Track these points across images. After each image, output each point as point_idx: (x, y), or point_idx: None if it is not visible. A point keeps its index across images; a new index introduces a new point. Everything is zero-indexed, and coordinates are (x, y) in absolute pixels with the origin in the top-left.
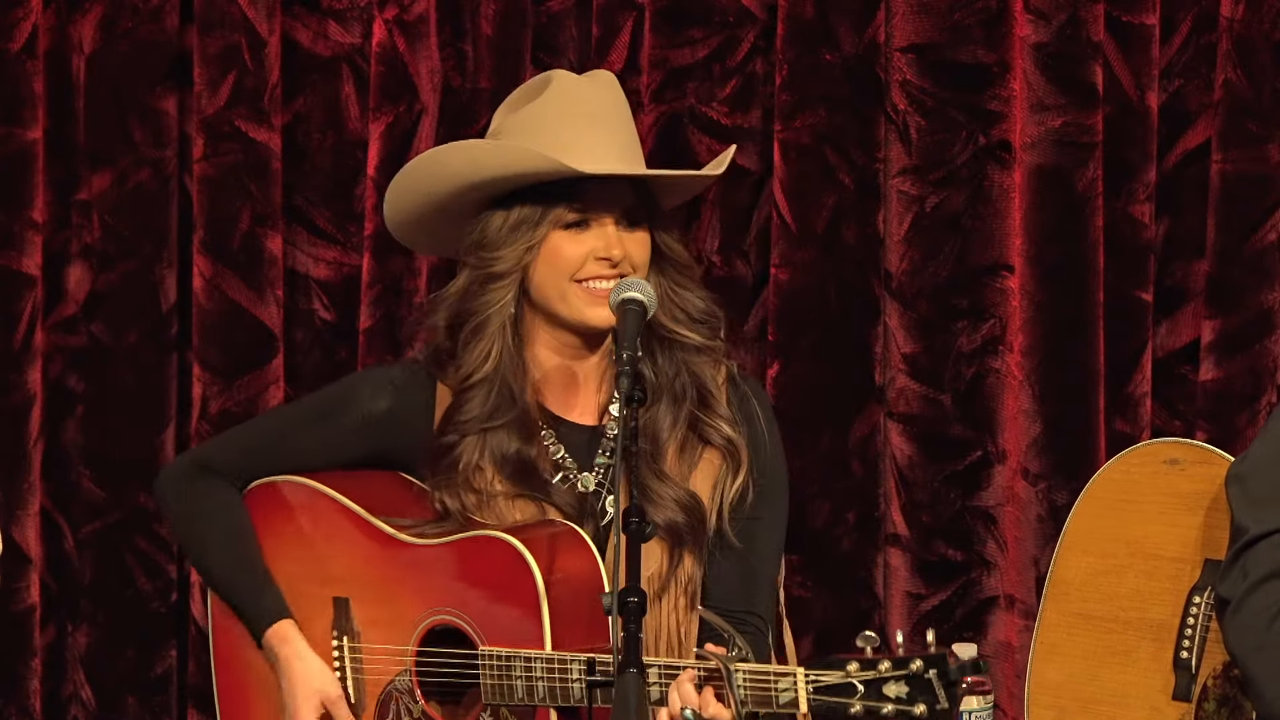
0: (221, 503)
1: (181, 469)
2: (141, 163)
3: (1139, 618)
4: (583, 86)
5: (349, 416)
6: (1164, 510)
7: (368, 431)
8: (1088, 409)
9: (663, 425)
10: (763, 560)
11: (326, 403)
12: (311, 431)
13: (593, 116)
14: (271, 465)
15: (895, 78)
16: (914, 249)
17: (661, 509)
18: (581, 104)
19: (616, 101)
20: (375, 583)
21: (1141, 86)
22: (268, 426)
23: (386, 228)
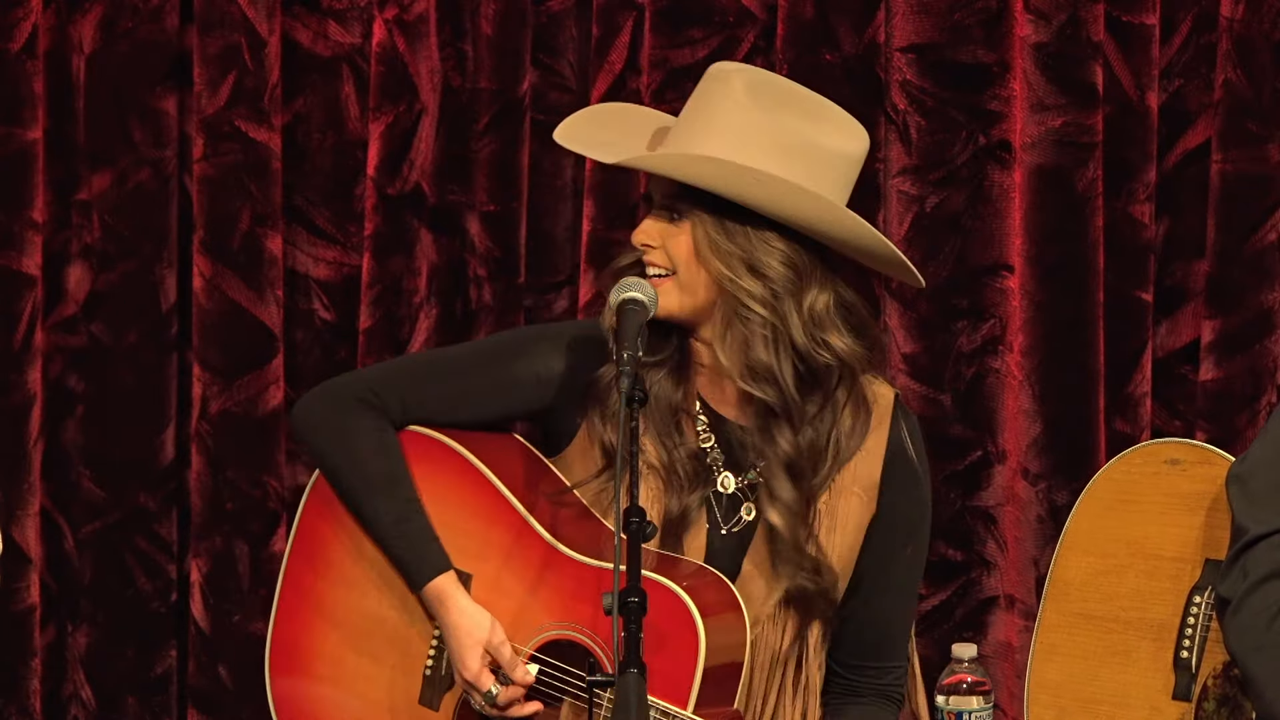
0: (384, 443)
1: (338, 398)
2: (141, 163)
3: (1139, 618)
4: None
5: (525, 371)
6: (1164, 510)
7: (539, 389)
8: (1088, 409)
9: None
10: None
11: (499, 350)
12: (481, 376)
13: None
14: (434, 404)
15: (895, 78)
16: (914, 249)
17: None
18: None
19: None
20: (506, 572)
21: (1141, 86)
22: (434, 365)
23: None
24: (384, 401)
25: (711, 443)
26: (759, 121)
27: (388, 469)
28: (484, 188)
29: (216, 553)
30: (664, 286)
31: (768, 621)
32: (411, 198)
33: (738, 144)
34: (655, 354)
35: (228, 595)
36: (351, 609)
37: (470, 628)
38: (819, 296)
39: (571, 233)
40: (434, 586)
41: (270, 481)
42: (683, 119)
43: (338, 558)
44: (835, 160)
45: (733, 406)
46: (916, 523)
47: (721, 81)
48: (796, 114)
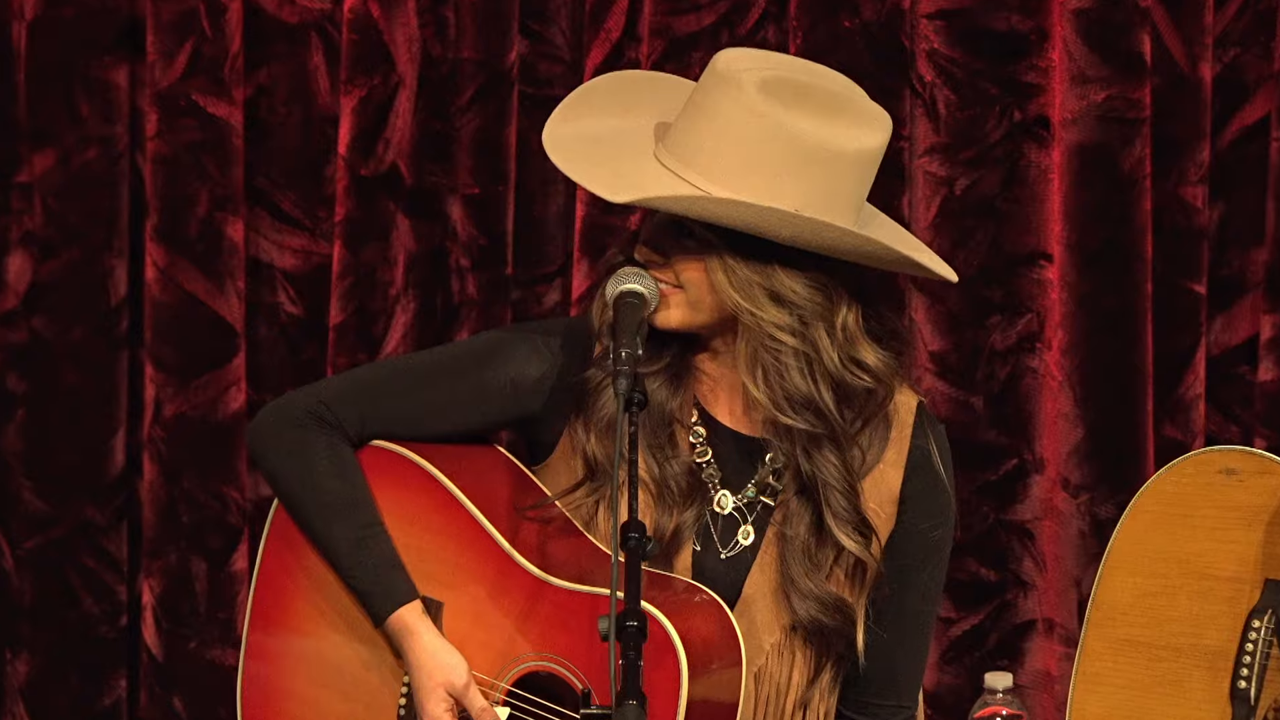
0: (340, 463)
1: (292, 414)
2: (88, 141)
3: (1192, 644)
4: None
5: (498, 378)
6: (1219, 525)
7: (515, 397)
8: (1135, 413)
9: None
10: (918, 638)
11: (469, 356)
12: (448, 387)
13: (696, 106)
14: (396, 418)
15: (921, 47)
16: (942, 236)
17: (806, 607)
18: (702, 89)
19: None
20: (480, 599)
21: (1193, 56)
22: (396, 376)
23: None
24: (340, 417)
25: (708, 457)
26: (774, 129)
27: (344, 491)
28: (467, 168)
29: (171, 571)
30: (672, 298)
31: (773, 654)
32: (387, 179)
33: (754, 160)
34: (652, 361)
35: (183, 619)
36: (322, 645)
37: (433, 668)
38: (847, 314)
39: (564, 218)
40: (397, 619)
41: (230, 493)
42: (688, 122)
43: (306, 589)
44: (857, 160)
45: (734, 415)
46: (937, 544)
47: (733, 84)
48: (814, 112)
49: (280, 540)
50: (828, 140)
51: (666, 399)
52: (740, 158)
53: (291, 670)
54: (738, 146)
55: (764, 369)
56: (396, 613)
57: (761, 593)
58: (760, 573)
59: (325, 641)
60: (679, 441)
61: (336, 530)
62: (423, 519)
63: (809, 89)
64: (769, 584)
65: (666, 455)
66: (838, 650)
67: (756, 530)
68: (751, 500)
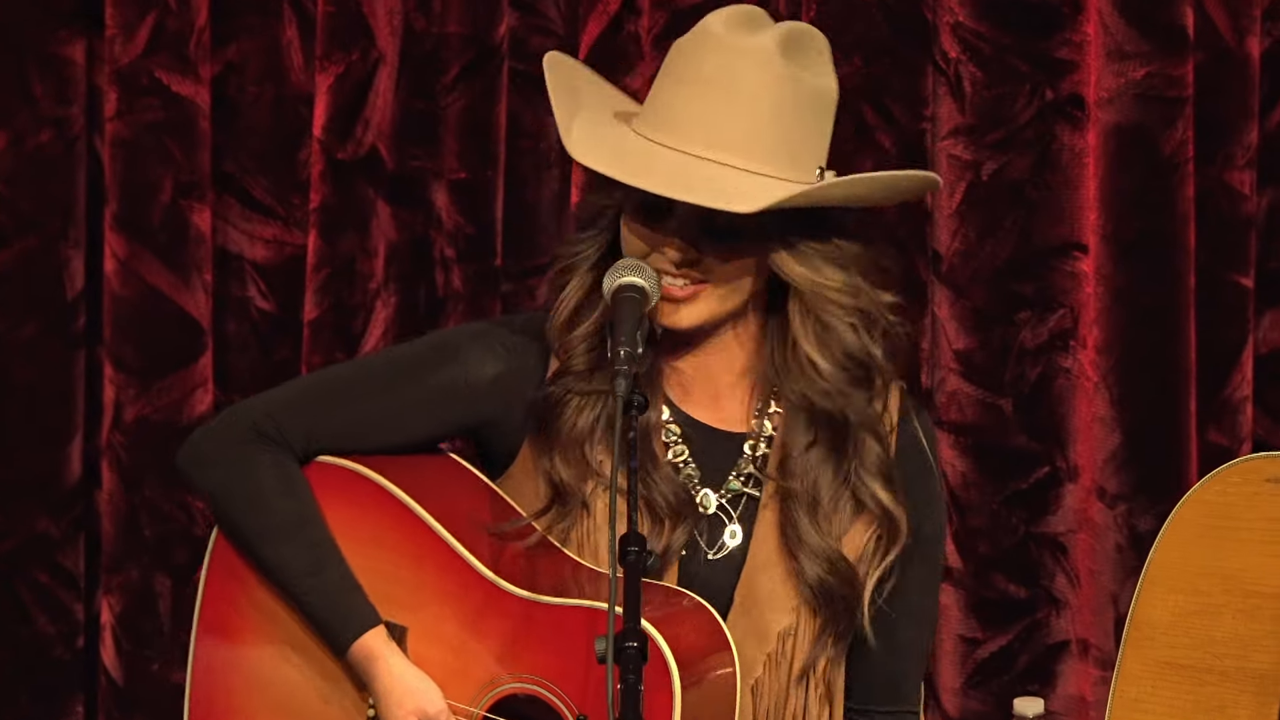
0: (287, 480)
1: (230, 430)
2: (42, 122)
3: (1238, 667)
4: (716, 41)
5: (451, 381)
6: (1267, 539)
7: (470, 400)
8: (1176, 416)
9: (824, 474)
10: (918, 636)
11: (419, 359)
12: (397, 393)
13: (705, 81)
14: (345, 430)
15: (945, 19)
16: (968, 225)
17: (815, 566)
18: (701, 63)
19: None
20: (446, 620)
21: (1240, 30)
22: (342, 385)
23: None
24: (285, 432)
25: (685, 455)
26: (806, 93)
27: (294, 510)
28: (453, 151)
29: (132, 588)
30: (699, 294)
31: (769, 664)
32: (366, 163)
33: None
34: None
35: (145, 639)
36: (276, 682)
37: (403, 696)
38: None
39: (557, 205)
40: (361, 646)
41: (196, 504)
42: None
43: (255, 623)
44: (834, 102)
45: (708, 409)
46: (931, 536)
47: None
48: (809, 62)
49: (222, 572)
50: (825, 88)
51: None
52: (781, 130)
53: (243, 708)
54: (778, 118)
55: (816, 335)
56: (359, 640)
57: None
58: (755, 561)
59: (279, 677)
60: (658, 452)
61: (288, 553)
62: (379, 538)
63: (800, 36)
64: (768, 567)
65: (648, 471)
66: (843, 622)
67: (744, 527)
68: (735, 495)
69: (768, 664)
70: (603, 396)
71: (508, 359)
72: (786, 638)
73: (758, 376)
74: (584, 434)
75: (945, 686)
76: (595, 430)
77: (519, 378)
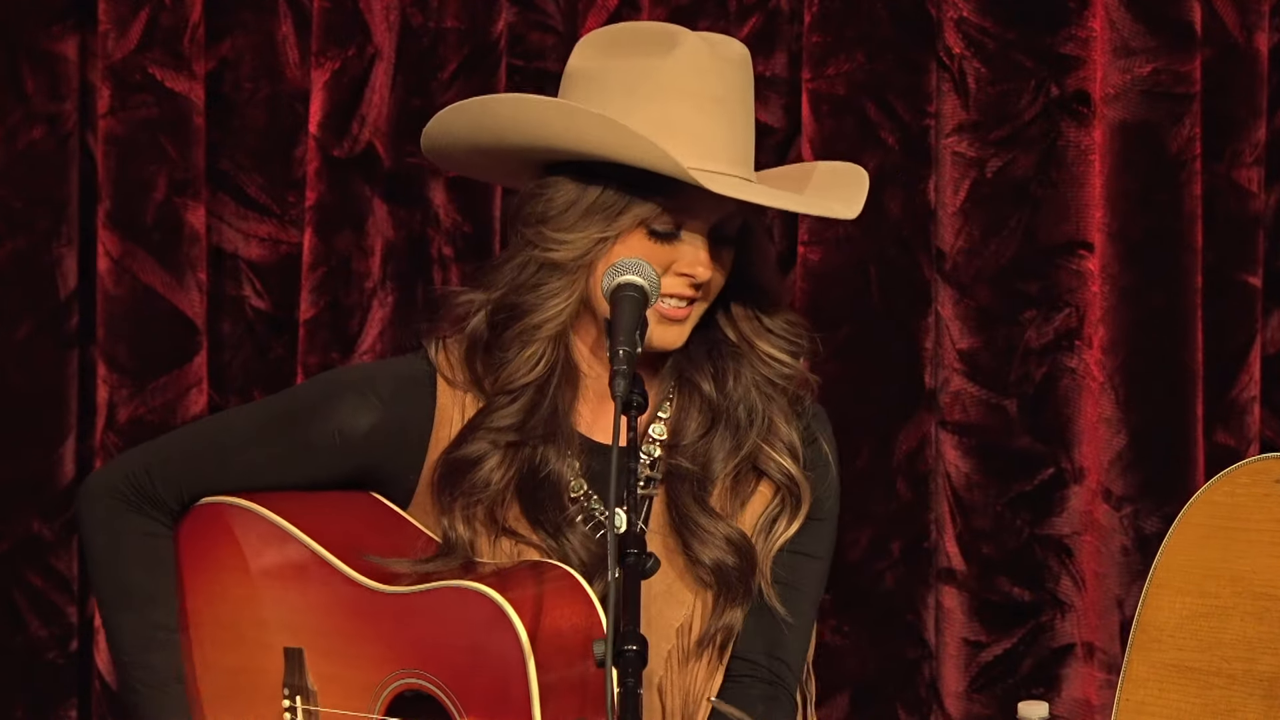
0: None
1: (113, 482)
2: (34, 119)
3: (1245, 670)
4: (712, 58)
5: (323, 433)
6: (1276, 540)
7: (345, 452)
8: (1183, 417)
9: (717, 454)
10: (805, 605)
11: (295, 413)
12: (275, 447)
13: (718, 100)
14: (222, 485)
15: (949, 15)
16: (971, 223)
17: (709, 548)
18: (709, 81)
19: (744, 84)
20: (333, 634)
21: (1249, 25)
22: (222, 436)
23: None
24: (161, 490)
25: (584, 490)
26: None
27: (146, 585)
28: None
29: None
30: (694, 313)
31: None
32: (362, 161)
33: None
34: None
35: None
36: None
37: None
38: None
39: None
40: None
41: None
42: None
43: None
44: None
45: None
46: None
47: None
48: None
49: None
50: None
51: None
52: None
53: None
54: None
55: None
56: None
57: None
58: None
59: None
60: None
61: (127, 621)
62: (264, 567)
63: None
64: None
65: (559, 526)
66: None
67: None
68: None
69: (668, 661)
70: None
71: (382, 411)
72: (683, 632)
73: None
74: (496, 494)
75: (949, 690)
76: (507, 491)
77: (396, 426)
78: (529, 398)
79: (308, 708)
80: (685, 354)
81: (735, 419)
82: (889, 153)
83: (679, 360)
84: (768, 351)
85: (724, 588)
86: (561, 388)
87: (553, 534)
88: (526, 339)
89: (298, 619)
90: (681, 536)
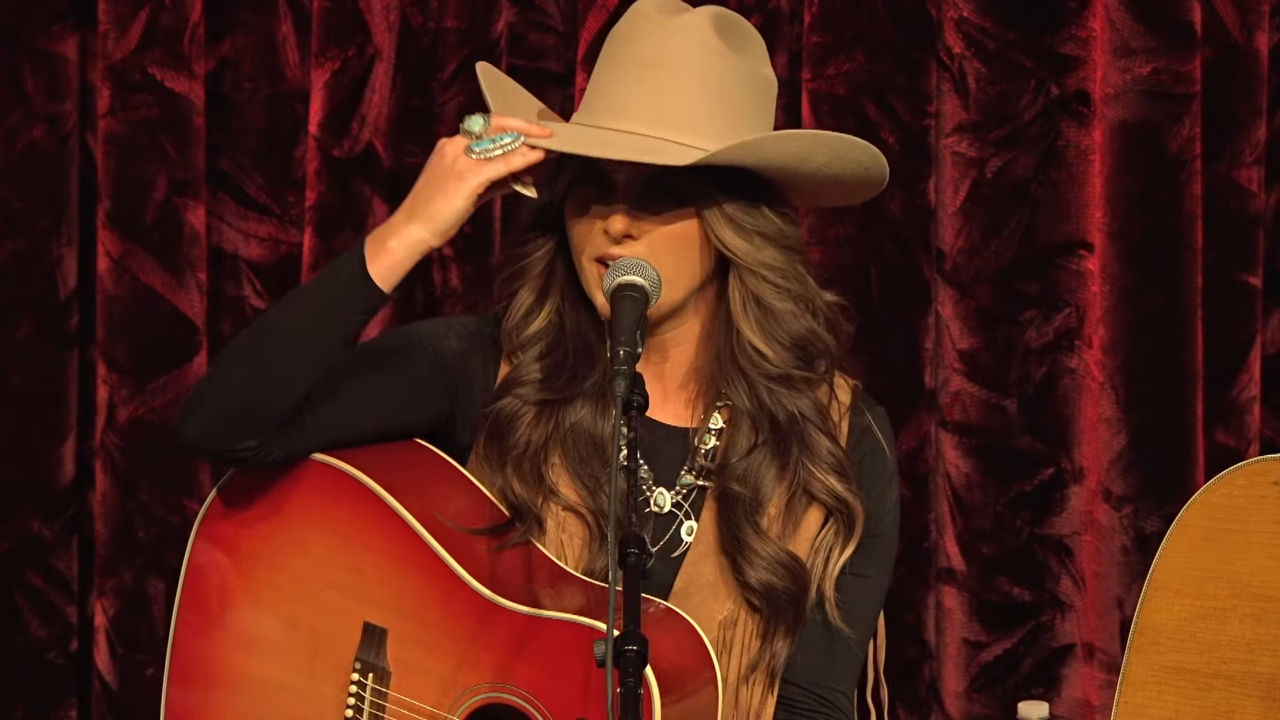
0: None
1: None
2: (34, 119)
3: (1245, 671)
4: (646, 25)
5: (422, 354)
6: (1274, 542)
7: (441, 373)
8: (1183, 417)
9: (766, 474)
10: (858, 627)
11: (390, 342)
12: (378, 372)
13: (643, 63)
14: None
15: (949, 15)
16: (972, 223)
17: (757, 570)
18: (635, 46)
19: (689, 48)
20: (426, 625)
21: (1249, 25)
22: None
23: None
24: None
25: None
26: (742, 71)
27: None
28: None
29: (125, 591)
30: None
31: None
32: (363, 160)
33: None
34: (578, 381)
35: (139, 643)
36: (252, 675)
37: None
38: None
39: None
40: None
41: (191, 505)
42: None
43: (234, 615)
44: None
45: (660, 405)
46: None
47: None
48: (745, 47)
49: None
50: (769, 78)
51: (594, 421)
52: (724, 105)
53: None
54: (718, 94)
55: (756, 319)
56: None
57: (697, 583)
58: (698, 549)
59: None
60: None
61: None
62: (365, 539)
63: (733, 23)
64: (710, 557)
65: (600, 483)
66: (789, 618)
67: (698, 520)
68: (689, 489)
69: (718, 635)
70: (555, 409)
71: (468, 339)
72: (727, 627)
73: (706, 376)
74: (537, 450)
75: (949, 690)
76: (549, 446)
77: (478, 358)
78: (544, 353)
79: (377, 687)
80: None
81: (779, 432)
82: (889, 153)
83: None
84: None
85: (774, 610)
86: (578, 340)
87: (593, 491)
88: (512, 285)
89: (389, 598)
90: (731, 557)
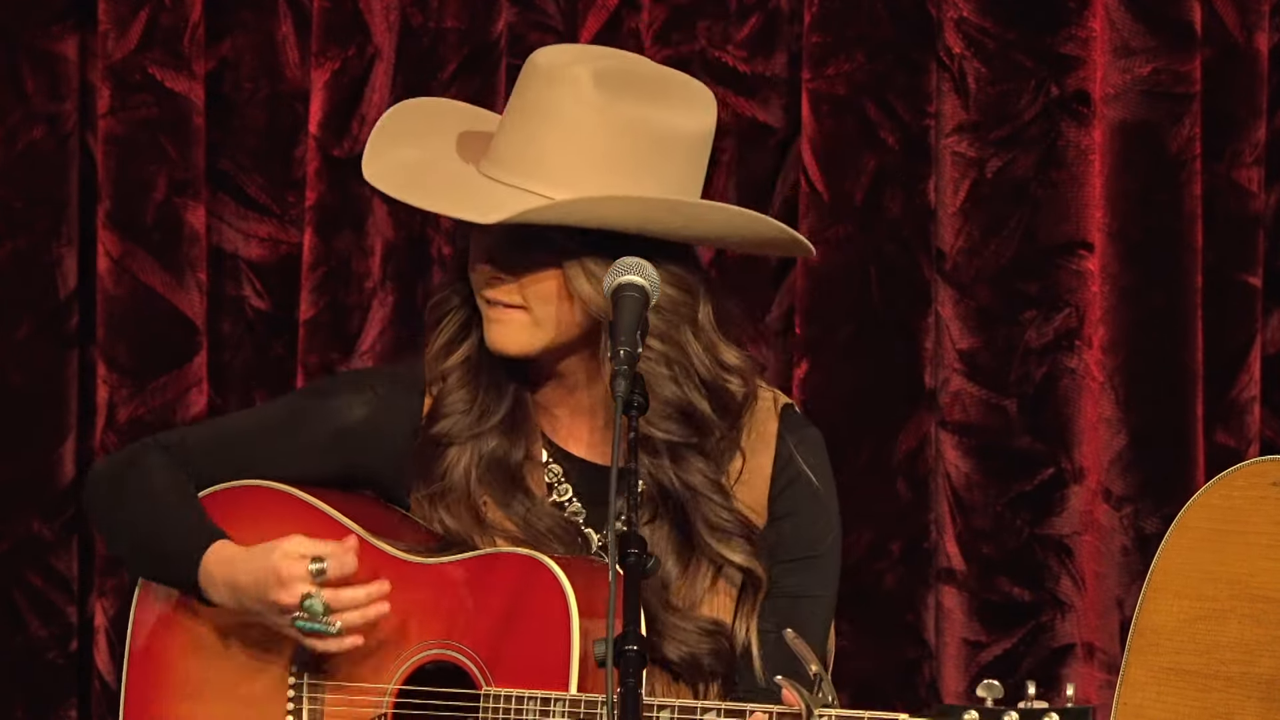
0: (176, 482)
1: (135, 445)
2: (34, 119)
3: (1243, 672)
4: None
5: (323, 424)
6: (1273, 543)
7: (342, 443)
8: (1183, 417)
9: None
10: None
11: (300, 406)
12: (283, 437)
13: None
14: (238, 465)
15: (949, 15)
16: (971, 223)
17: (677, 644)
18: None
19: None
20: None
21: (1249, 25)
22: (242, 424)
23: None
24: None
25: (568, 495)
26: (623, 123)
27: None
28: None
29: (125, 591)
30: (514, 321)
31: None
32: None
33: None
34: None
35: None
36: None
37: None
38: (706, 311)
39: None
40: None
41: None
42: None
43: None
44: (700, 142)
45: (588, 444)
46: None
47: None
48: (648, 99)
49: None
50: (672, 126)
51: (508, 450)
52: (594, 158)
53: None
54: (588, 146)
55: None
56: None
57: None
58: None
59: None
60: (533, 488)
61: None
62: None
63: (635, 76)
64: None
65: (527, 507)
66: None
67: None
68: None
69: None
70: (478, 439)
71: (376, 403)
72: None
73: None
74: (463, 482)
75: (948, 690)
76: (473, 476)
77: (388, 421)
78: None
79: (313, 681)
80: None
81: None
82: (889, 153)
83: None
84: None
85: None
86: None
87: (523, 515)
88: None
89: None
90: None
